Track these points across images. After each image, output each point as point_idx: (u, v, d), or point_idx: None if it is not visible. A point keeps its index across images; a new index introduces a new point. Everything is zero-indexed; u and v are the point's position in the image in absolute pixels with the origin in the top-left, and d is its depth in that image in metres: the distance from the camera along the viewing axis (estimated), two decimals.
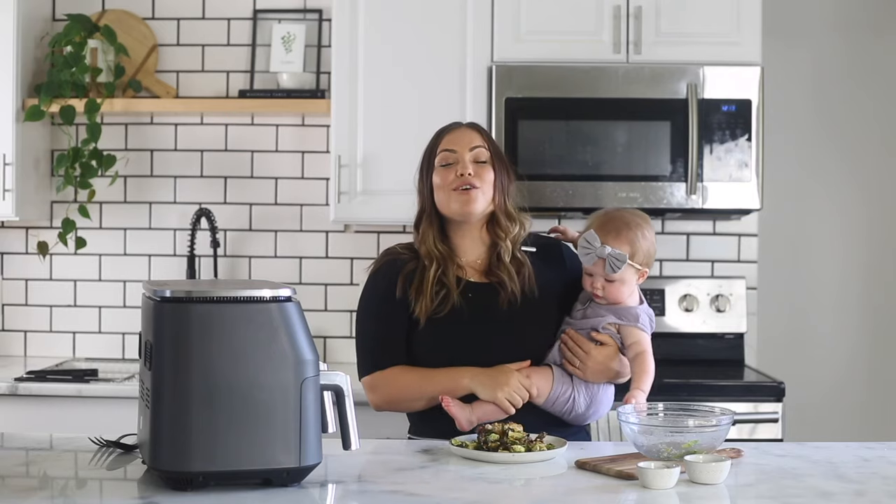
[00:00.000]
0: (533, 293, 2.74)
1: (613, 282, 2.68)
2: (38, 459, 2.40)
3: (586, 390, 2.70)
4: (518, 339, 2.72)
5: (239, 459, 2.08)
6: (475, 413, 2.62)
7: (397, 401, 2.73)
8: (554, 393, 2.68)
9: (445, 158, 2.75)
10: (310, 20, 4.29)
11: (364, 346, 2.78)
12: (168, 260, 4.32)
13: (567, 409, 2.70)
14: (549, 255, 2.85)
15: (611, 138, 3.92)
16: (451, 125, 2.84)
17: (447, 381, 2.66)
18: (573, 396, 2.69)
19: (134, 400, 2.45)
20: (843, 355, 4.45)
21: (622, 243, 2.68)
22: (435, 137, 2.82)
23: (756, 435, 3.63)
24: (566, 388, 2.68)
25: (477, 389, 2.64)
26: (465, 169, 2.71)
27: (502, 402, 2.61)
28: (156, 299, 2.12)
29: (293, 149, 4.32)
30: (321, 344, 4.24)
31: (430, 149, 2.80)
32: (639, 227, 2.72)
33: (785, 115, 4.38)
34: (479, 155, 2.75)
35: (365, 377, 2.76)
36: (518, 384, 2.62)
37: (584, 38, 3.95)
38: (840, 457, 2.44)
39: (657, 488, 2.14)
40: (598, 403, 2.73)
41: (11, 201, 3.99)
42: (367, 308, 2.80)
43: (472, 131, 2.79)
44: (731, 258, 4.31)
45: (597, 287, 2.69)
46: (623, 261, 2.64)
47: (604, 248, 2.65)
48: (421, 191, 2.81)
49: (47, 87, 4.07)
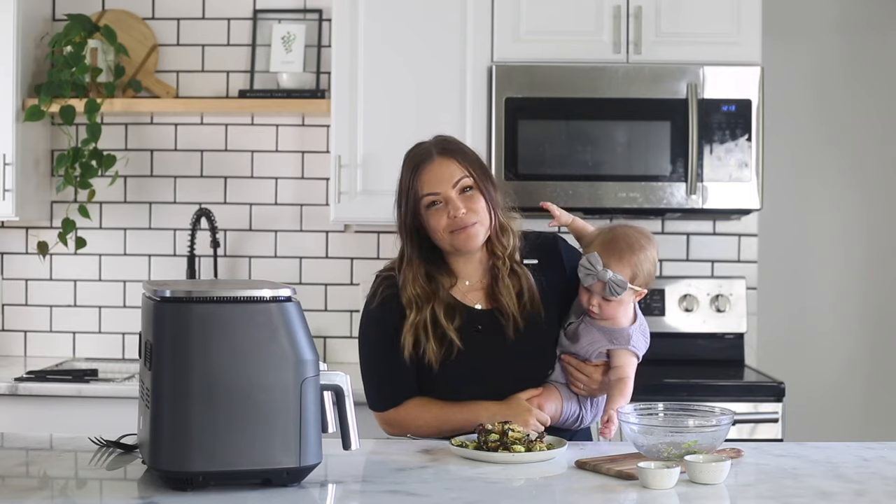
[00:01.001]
0: (539, 314, 2.69)
1: (611, 302, 2.65)
2: (38, 459, 2.40)
3: (591, 404, 2.74)
4: (524, 368, 2.69)
5: (239, 459, 2.08)
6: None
7: (412, 431, 2.68)
8: (564, 415, 2.70)
9: (431, 201, 2.62)
10: (310, 20, 4.29)
11: (373, 382, 2.72)
12: (168, 260, 4.32)
13: (577, 425, 2.73)
14: (548, 259, 2.78)
15: (611, 138, 3.92)
16: (420, 158, 2.66)
17: (464, 419, 2.61)
18: (581, 414, 2.72)
19: (134, 400, 2.45)
20: (843, 355, 4.45)
21: (624, 267, 2.64)
22: (409, 174, 2.65)
23: (756, 435, 3.63)
24: (574, 408, 2.71)
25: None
26: (458, 210, 2.60)
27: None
28: (156, 299, 2.12)
29: (293, 149, 4.32)
30: (321, 344, 4.24)
31: (408, 189, 2.64)
32: (642, 249, 2.68)
33: (785, 115, 4.38)
34: (463, 186, 2.63)
35: (380, 413, 2.72)
36: (535, 421, 2.59)
37: (583, 38, 3.95)
38: (840, 457, 2.44)
39: (657, 488, 2.14)
40: (600, 412, 2.76)
41: (11, 201, 3.99)
42: (371, 342, 2.72)
43: (449, 161, 2.63)
44: (731, 258, 4.31)
45: (593, 304, 2.66)
46: (624, 287, 2.61)
47: (605, 272, 2.61)
48: (400, 230, 2.68)
49: (47, 87, 4.07)
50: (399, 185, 2.69)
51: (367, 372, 2.73)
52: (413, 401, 2.67)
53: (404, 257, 2.69)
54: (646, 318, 2.77)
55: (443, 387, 2.66)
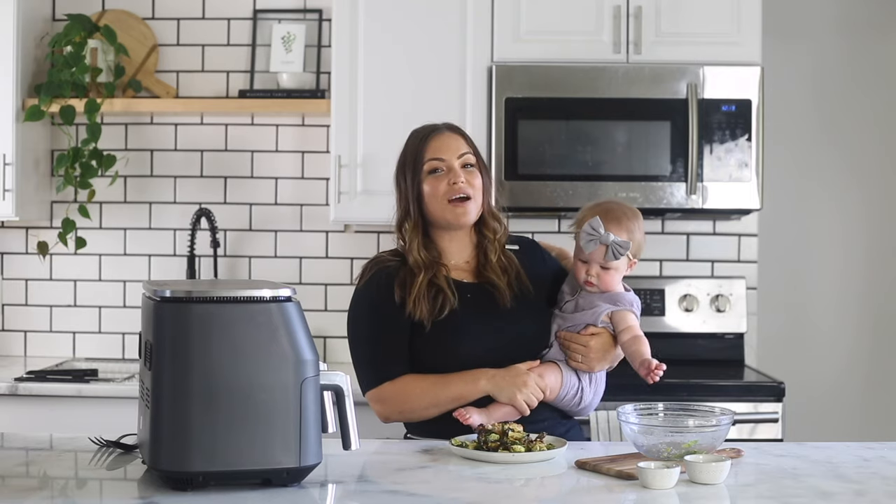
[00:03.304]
0: (527, 289, 2.76)
1: (609, 269, 2.72)
2: (38, 459, 2.40)
3: (590, 381, 2.75)
4: (520, 335, 2.73)
5: (239, 459, 2.08)
6: (493, 416, 2.62)
7: (410, 411, 2.69)
8: (564, 388, 2.71)
9: (434, 167, 2.72)
10: (310, 20, 4.29)
11: (364, 358, 2.73)
12: (168, 260, 4.32)
13: (576, 402, 2.74)
14: (529, 251, 2.88)
15: (611, 138, 3.92)
16: (431, 129, 2.79)
17: (463, 385, 2.64)
18: (581, 388, 2.73)
19: (134, 400, 2.45)
20: (843, 355, 4.45)
21: (623, 231, 2.73)
22: (417, 142, 2.76)
23: (756, 435, 3.63)
24: (574, 382, 2.72)
25: (495, 392, 2.64)
26: (458, 178, 2.70)
27: (521, 404, 2.62)
28: (156, 299, 2.12)
29: (293, 149, 4.32)
30: (321, 344, 4.23)
31: (414, 153, 2.75)
32: (636, 217, 2.79)
33: (785, 115, 4.38)
34: (467, 161, 2.74)
35: (371, 391, 2.71)
36: (535, 385, 2.64)
37: (583, 38, 3.95)
38: (840, 457, 2.44)
39: (657, 488, 2.14)
40: (600, 392, 2.78)
41: (11, 201, 3.99)
42: (364, 318, 2.74)
43: (457, 136, 2.77)
44: (731, 258, 4.31)
45: (591, 274, 2.72)
46: (627, 248, 2.69)
47: (608, 235, 2.69)
48: (404, 194, 2.76)
49: (47, 87, 4.07)
50: (403, 154, 2.78)
51: (358, 350, 2.74)
52: (407, 375, 2.69)
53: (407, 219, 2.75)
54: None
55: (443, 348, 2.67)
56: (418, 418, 2.70)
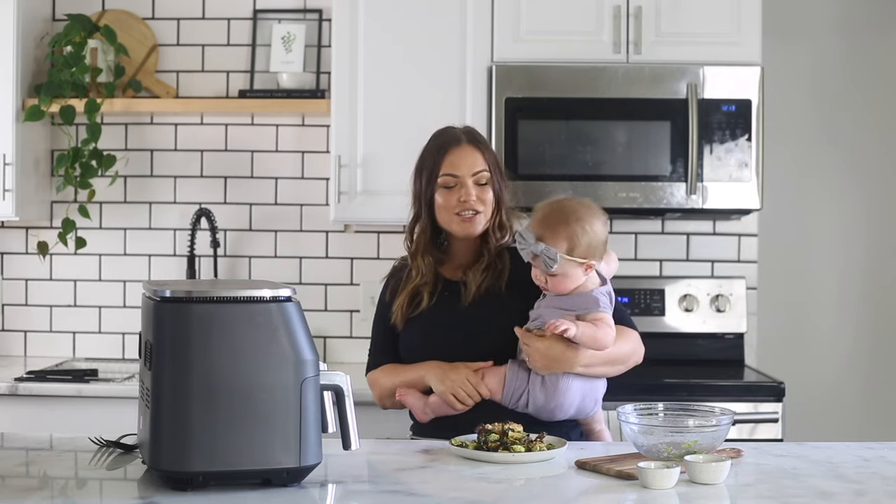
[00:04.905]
0: (499, 289, 2.78)
1: (555, 276, 2.66)
2: (38, 459, 2.40)
3: (542, 385, 2.68)
4: (480, 333, 2.76)
5: (239, 459, 2.08)
6: (429, 405, 2.71)
7: (384, 396, 2.84)
8: (507, 390, 2.69)
9: (448, 182, 2.78)
10: (310, 20, 4.29)
11: (370, 346, 2.95)
12: (168, 260, 4.32)
13: (523, 404, 2.69)
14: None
15: (611, 138, 3.92)
16: (451, 139, 2.81)
17: (412, 374, 2.78)
18: (527, 391, 2.68)
19: (134, 400, 2.45)
20: (843, 355, 4.45)
21: (559, 239, 2.64)
22: (435, 150, 2.81)
23: (756, 435, 3.63)
24: (520, 385, 2.69)
25: (433, 384, 2.73)
26: (470, 195, 2.76)
27: (445, 395, 2.69)
28: (156, 299, 2.12)
29: (293, 149, 4.32)
30: (321, 344, 4.23)
31: (432, 164, 2.80)
32: (579, 221, 2.66)
33: (785, 115, 4.38)
34: (480, 178, 2.78)
35: (366, 376, 2.91)
36: (465, 381, 2.68)
37: (583, 38, 3.95)
38: (840, 457, 2.44)
39: (657, 488, 2.14)
40: (561, 396, 2.68)
41: (11, 201, 3.99)
42: (376, 310, 2.95)
43: (475, 151, 2.80)
44: (731, 258, 4.31)
45: (540, 280, 2.70)
46: (554, 259, 2.63)
47: (537, 245, 2.64)
48: (418, 197, 2.85)
49: (47, 87, 4.07)
50: (422, 158, 2.85)
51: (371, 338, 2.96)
52: (386, 365, 2.84)
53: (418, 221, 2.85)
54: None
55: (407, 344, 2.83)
56: (392, 405, 2.83)
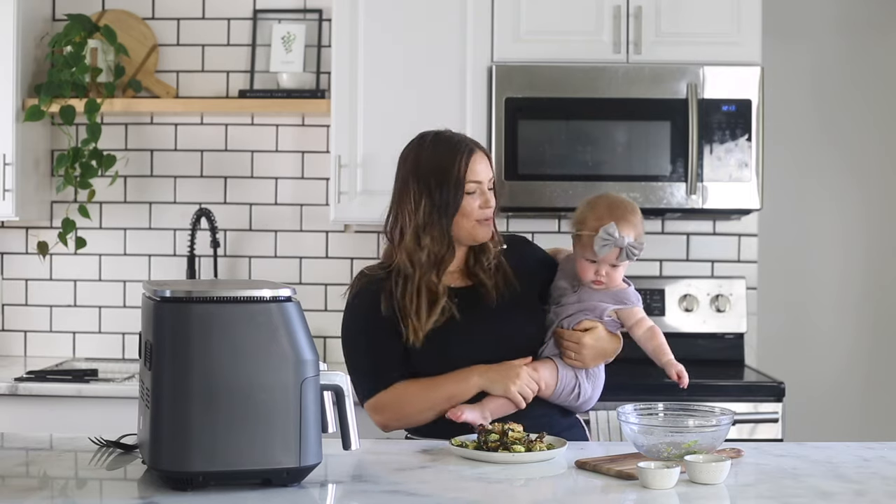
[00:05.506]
0: (515, 287, 2.77)
1: (617, 267, 2.71)
2: (38, 459, 2.40)
3: (587, 376, 2.74)
4: (512, 332, 2.73)
5: (239, 459, 2.08)
6: (487, 409, 2.63)
7: (406, 416, 2.69)
8: (560, 384, 2.71)
9: (471, 189, 2.73)
10: (310, 20, 4.29)
11: (359, 369, 2.73)
12: (168, 260, 4.32)
13: (574, 397, 2.73)
14: (517, 248, 2.89)
15: (611, 138, 3.92)
16: (469, 146, 2.75)
17: (455, 384, 2.65)
18: (579, 383, 2.73)
19: (134, 400, 2.45)
20: (843, 355, 4.45)
21: (631, 230, 2.71)
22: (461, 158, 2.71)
23: (756, 435, 3.63)
24: (571, 378, 2.72)
25: (488, 386, 2.64)
26: (490, 201, 2.75)
27: (515, 395, 2.63)
28: (156, 299, 2.12)
29: (293, 149, 4.32)
30: (321, 344, 4.23)
31: (458, 171, 2.70)
32: (636, 211, 2.76)
33: (785, 115, 4.38)
34: (491, 183, 2.78)
35: (367, 402, 2.71)
36: (528, 377, 2.66)
37: (583, 38, 3.95)
38: (840, 457, 2.44)
39: (657, 488, 2.14)
40: (600, 386, 2.78)
41: (11, 201, 3.99)
42: (356, 329, 2.74)
43: (485, 158, 2.78)
44: (731, 258, 4.31)
45: (601, 274, 2.71)
46: (641, 248, 2.69)
47: (623, 238, 2.67)
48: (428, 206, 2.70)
49: (47, 87, 4.07)
50: (434, 167, 2.71)
51: (353, 363, 2.74)
52: (400, 382, 2.69)
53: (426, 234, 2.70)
54: None
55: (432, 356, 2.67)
56: (416, 423, 2.70)
